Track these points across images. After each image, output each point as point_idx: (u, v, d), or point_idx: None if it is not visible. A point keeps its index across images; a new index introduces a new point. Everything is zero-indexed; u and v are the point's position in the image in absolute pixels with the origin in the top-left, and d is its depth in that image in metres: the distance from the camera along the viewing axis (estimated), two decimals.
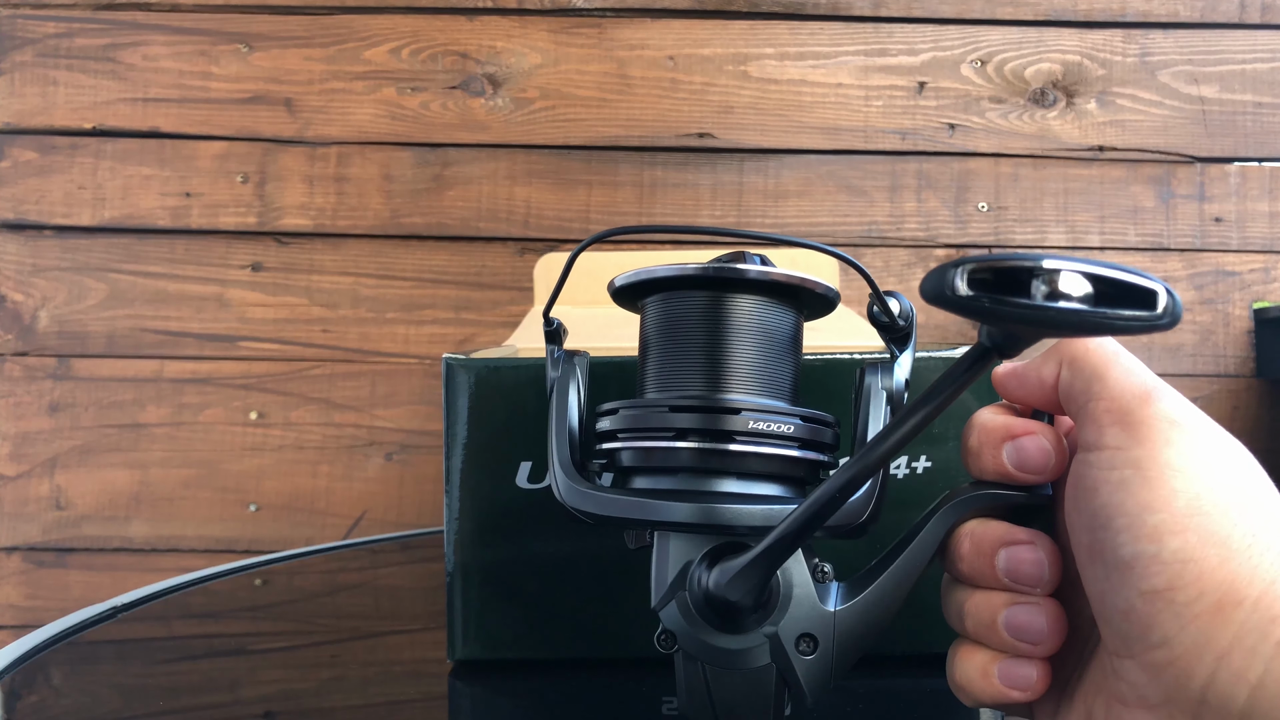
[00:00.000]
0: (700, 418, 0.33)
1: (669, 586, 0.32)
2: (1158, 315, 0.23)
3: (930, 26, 1.12)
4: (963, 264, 0.23)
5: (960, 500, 0.32)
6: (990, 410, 0.32)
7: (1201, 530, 0.26)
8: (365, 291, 1.10)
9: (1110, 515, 0.27)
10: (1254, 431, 1.10)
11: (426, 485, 1.09)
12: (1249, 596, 0.25)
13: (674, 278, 0.35)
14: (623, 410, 0.35)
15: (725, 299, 0.34)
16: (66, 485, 1.09)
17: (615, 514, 0.33)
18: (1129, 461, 0.27)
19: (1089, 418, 0.29)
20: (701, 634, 0.32)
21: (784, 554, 0.30)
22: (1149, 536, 0.26)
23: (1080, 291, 0.23)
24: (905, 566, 0.32)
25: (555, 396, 0.38)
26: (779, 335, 0.35)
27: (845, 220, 1.11)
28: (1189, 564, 0.26)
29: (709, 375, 0.34)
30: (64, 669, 0.51)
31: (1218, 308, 1.11)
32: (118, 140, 1.11)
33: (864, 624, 0.32)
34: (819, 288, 0.35)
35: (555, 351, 0.39)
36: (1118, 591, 0.27)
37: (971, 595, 0.31)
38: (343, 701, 0.48)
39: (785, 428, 0.33)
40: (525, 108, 1.11)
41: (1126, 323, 0.23)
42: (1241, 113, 1.12)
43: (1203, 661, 0.25)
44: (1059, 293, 0.23)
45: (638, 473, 0.35)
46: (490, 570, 0.47)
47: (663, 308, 0.35)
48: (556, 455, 0.36)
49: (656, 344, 0.35)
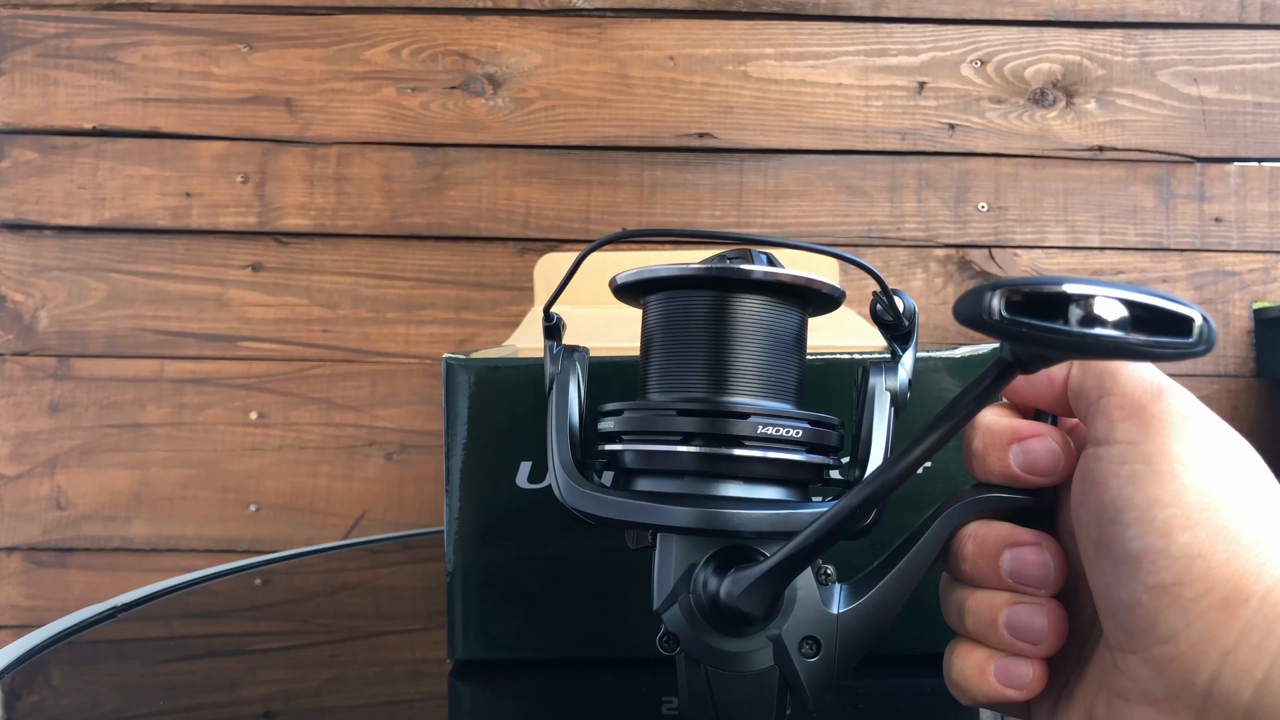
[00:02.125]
0: (707, 422, 0.32)
1: (672, 589, 0.32)
2: (1193, 342, 0.23)
3: (930, 26, 1.12)
4: (999, 287, 0.23)
5: (964, 503, 0.32)
6: (993, 412, 0.32)
7: (1211, 525, 0.26)
8: (365, 291, 1.10)
9: (1120, 509, 0.27)
10: (1254, 431, 1.10)
11: (426, 485, 1.09)
12: (1256, 593, 0.25)
13: (678, 277, 0.34)
14: (627, 412, 0.34)
15: (730, 299, 0.34)
16: (66, 485, 1.09)
17: (618, 516, 0.33)
18: (1140, 456, 0.27)
19: (1100, 413, 0.29)
20: (705, 637, 0.32)
21: (798, 568, 0.30)
22: (1158, 531, 0.26)
23: (1115, 316, 0.23)
24: (908, 569, 0.32)
25: (555, 393, 0.37)
26: (784, 335, 0.34)
27: (845, 220, 1.11)
28: (1197, 559, 0.26)
29: (714, 376, 0.33)
30: (64, 669, 0.51)
31: (1218, 308, 1.11)
32: (118, 140, 1.11)
33: (867, 626, 0.32)
34: (824, 287, 0.34)
35: (554, 347, 0.39)
36: (1124, 585, 0.27)
37: (973, 594, 0.31)
38: (343, 701, 0.48)
39: (793, 432, 0.32)
40: (525, 108, 1.11)
41: (1163, 349, 0.23)
42: (1241, 113, 1.12)
43: (1208, 657, 0.25)
44: (1094, 318, 0.23)
45: (641, 474, 0.34)
46: (490, 570, 0.47)
47: (666, 306, 0.35)
48: (557, 454, 0.36)
49: (660, 343, 0.35)
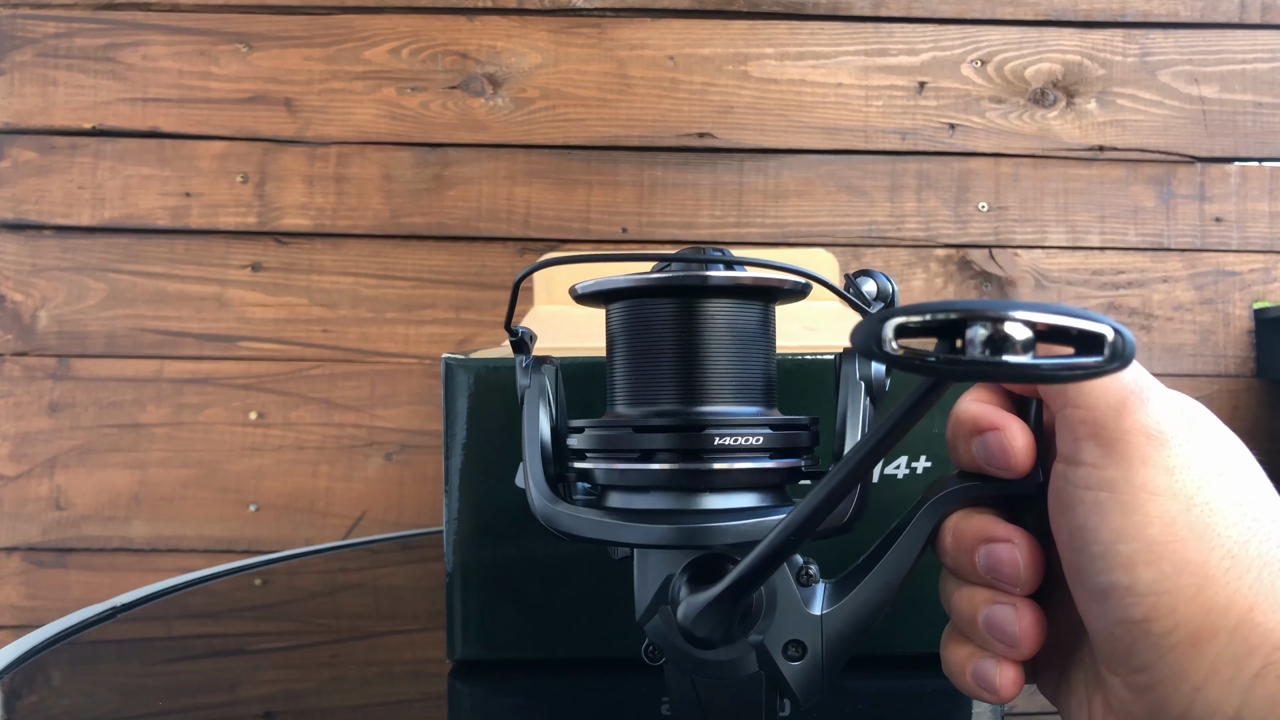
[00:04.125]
0: (666, 438, 0.32)
1: (651, 601, 0.32)
2: (1104, 361, 0.22)
3: (930, 26, 1.12)
4: (889, 316, 0.22)
5: (946, 493, 0.31)
6: (970, 396, 0.31)
7: (1176, 559, 0.25)
8: (365, 291, 1.10)
9: (1085, 541, 0.27)
10: (1254, 431, 1.10)
11: (426, 485, 1.09)
12: (1225, 627, 0.25)
13: (631, 287, 0.33)
14: (589, 430, 0.34)
15: (686, 306, 0.33)
16: (66, 485, 1.09)
17: (592, 535, 0.33)
18: (1103, 482, 0.26)
19: (1064, 426, 0.28)
20: (686, 648, 0.31)
21: (745, 592, 0.29)
22: (1123, 567, 0.26)
23: (1021, 336, 0.21)
24: (892, 564, 0.31)
25: (525, 410, 0.37)
26: (746, 335, 0.33)
27: (845, 220, 1.11)
28: (1163, 596, 0.25)
29: (675, 386, 0.33)
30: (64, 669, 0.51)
31: (1218, 308, 1.11)
32: (118, 140, 1.10)
33: (852, 625, 0.31)
34: (784, 284, 0.34)
35: (524, 360, 0.38)
36: (1097, 615, 0.27)
37: (959, 589, 0.31)
38: (343, 701, 0.48)
39: (755, 439, 0.32)
40: (525, 108, 1.11)
41: (1070, 372, 0.22)
42: (1242, 113, 1.12)
43: (1180, 691, 0.25)
44: (997, 342, 0.21)
45: (612, 490, 0.34)
46: (490, 570, 0.47)
47: (623, 316, 0.34)
48: (529, 470, 0.35)
49: (621, 353, 0.35)
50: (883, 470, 0.46)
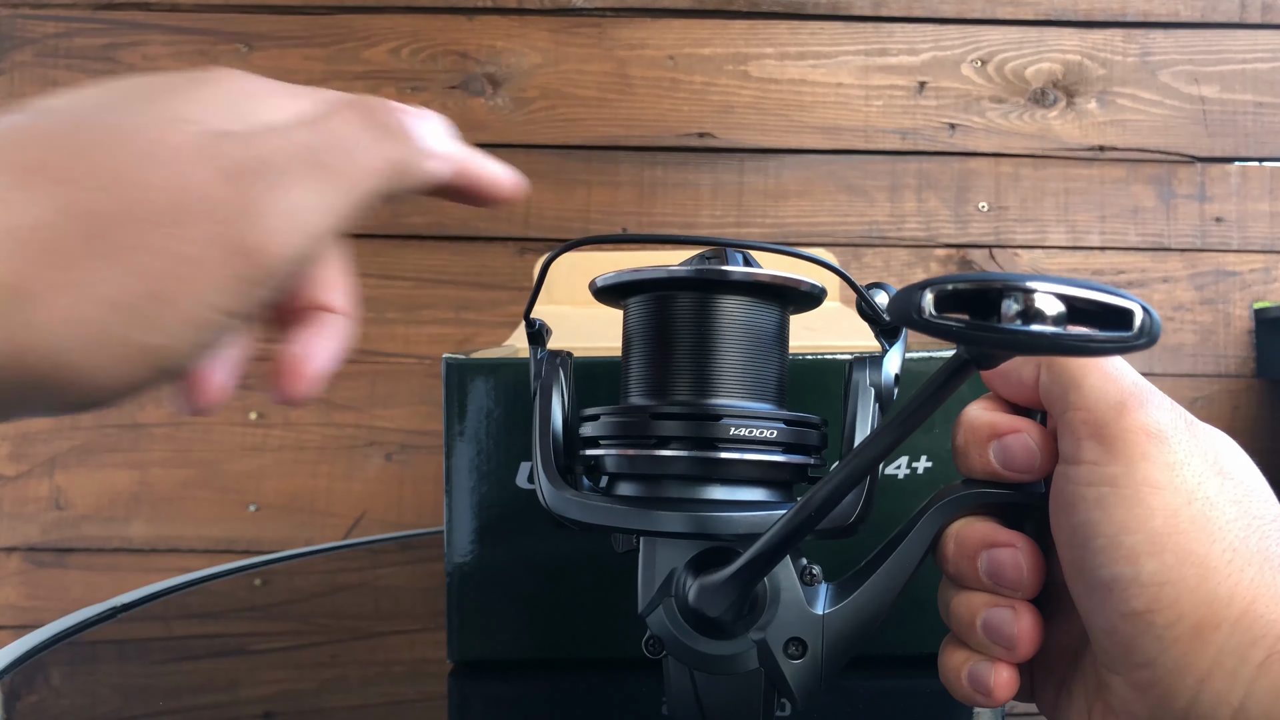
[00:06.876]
0: (682, 425, 0.32)
1: (655, 592, 0.32)
2: (1133, 335, 0.22)
3: (930, 26, 1.12)
4: (929, 285, 0.22)
5: (950, 500, 0.31)
6: (978, 405, 0.31)
7: (1179, 550, 0.26)
8: (365, 291, 1.10)
9: (1088, 535, 0.27)
10: (1254, 431, 1.10)
11: (426, 485, 1.09)
12: (1228, 618, 0.25)
13: (653, 280, 0.34)
14: (604, 417, 0.34)
15: (706, 300, 0.33)
16: (66, 485, 1.09)
17: (600, 521, 0.33)
18: (1105, 478, 0.27)
19: (1066, 428, 0.28)
20: (688, 640, 0.31)
21: (761, 571, 0.30)
22: (1126, 559, 0.26)
23: (1054, 311, 0.22)
24: (894, 568, 0.31)
25: (539, 400, 0.37)
26: (763, 335, 0.34)
27: (845, 220, 1.11)
28: (1166, 586, 0.25)
29: (691, 379, 0.33)
30: (64, 669, 0.51)
31: (1218, 308, 1.11)
32: None
33: (853, 626, 0.32)
34: (803, 285, 0.34)
35: (538, 353, 0.39)
36: (1100, 611, 0.27)
37: (958, 594, 0.31)
38: (343, 701, 0.48)
39: (768, 433, 0.32)
40: (525, 107, 1.11)
41: (1101, 344, 0.23)
42: (1242, 113, 1.12)
43: (1184, 684, 0.25)
44: (1031, 313, 0.22)
45: (622, 478, 0.34)
46: (490, 570, 0.47)
47: (643, 309, 0.35)
48: (540, 460, 0.36)
49: (638, 346, 0.35)
50: (883, 470, 0.46)
